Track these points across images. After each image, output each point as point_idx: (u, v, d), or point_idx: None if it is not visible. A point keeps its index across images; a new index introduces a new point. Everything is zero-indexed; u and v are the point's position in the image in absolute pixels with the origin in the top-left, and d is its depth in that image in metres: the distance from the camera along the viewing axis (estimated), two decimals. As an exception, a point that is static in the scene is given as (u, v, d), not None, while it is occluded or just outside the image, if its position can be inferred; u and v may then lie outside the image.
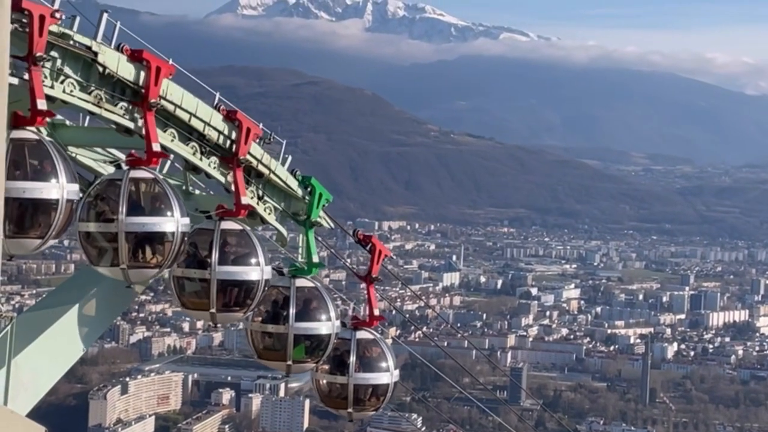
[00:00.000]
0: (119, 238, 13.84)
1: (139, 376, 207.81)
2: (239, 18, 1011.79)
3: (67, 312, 15.99)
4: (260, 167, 17.06)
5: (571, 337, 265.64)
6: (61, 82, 14.10)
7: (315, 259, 17.00)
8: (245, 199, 15.05)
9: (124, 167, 14.55)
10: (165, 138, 15.48)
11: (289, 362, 16.66)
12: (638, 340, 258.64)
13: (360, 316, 18.01)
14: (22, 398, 15.16)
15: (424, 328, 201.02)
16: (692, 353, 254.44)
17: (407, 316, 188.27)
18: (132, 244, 13.95)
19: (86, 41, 14.24)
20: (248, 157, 16.48)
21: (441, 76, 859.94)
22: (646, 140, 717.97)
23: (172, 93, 15.26)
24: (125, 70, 14.57)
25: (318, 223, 17.67)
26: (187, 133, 15.75)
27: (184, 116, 15.53)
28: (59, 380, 16.11)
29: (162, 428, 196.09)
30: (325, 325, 16.59)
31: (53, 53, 14.02)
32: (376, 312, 17.93)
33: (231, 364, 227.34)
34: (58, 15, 13.45)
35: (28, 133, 13.35)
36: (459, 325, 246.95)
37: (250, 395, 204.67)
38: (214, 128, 15.94)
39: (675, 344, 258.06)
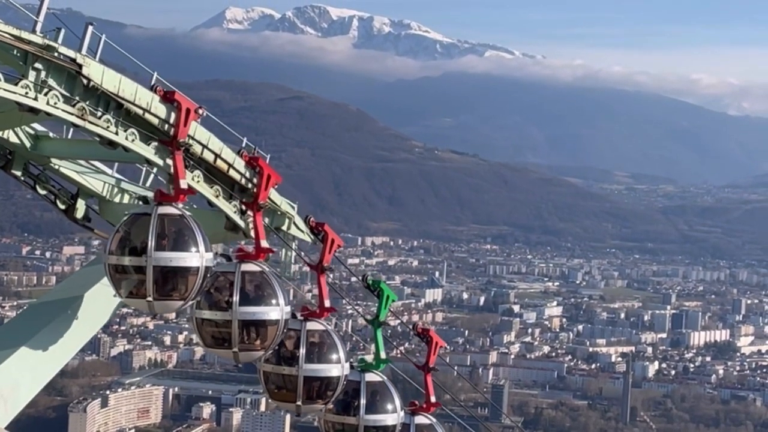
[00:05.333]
0: (233, 325, 15.51)
1: (120, 389, 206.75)
2: (225, 32, 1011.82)
3: (47, 324, 15.98)
4: (244, 182, 17.17)
5: (553, 354, 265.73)
6: (45, 94, 14.09)
7: (383, 355, 18.57)
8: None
9: (235, 260, 16.01)
10: (149, 152, 15.55)
11: None
12: (619, 359, 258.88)
13: (417, 402, 19.40)
14: (2, 410, 15.13)
15: (406, 345, 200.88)
16: (673, 372, 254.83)
17: (389, 331, 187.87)
18: (241, 330, 15.65)
19: (71, 53, 14.23)
20: (234, 174, 16.74)
21: (426, 93, 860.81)
22: (629, 159, 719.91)
23: (156, 106, 15.32)
24: (109, 82, 14.59)
25: (386, 324, 19.24)
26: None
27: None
28: (38, 392, 16.06)
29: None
30: (391, 417, 18.03)
31: (38, 65, 14.00)
32: (433, 399, 19.44)
33: (212, 378, 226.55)
34: (200, 111, 15.53)
35: (172, 209, 15.09)
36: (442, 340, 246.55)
37: (230, 409, 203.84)
38: (198, 141, 16.06)
39: (656, 363, 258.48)
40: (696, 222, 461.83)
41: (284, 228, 18.50)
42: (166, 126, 15.45)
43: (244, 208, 17.45)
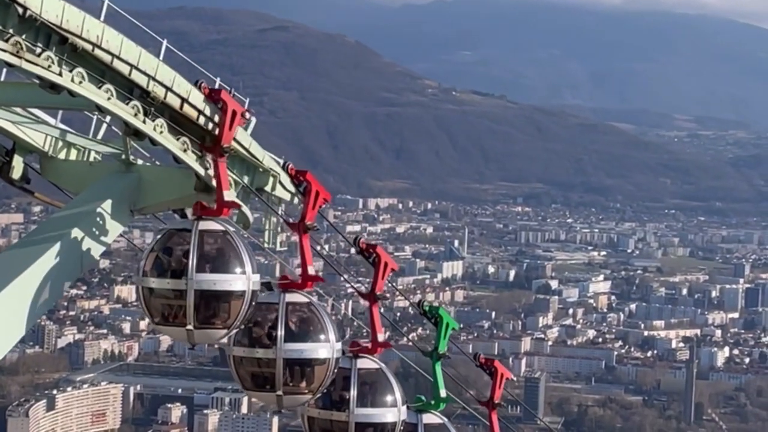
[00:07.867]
0: (277, 364, 16.29)
1: (69, 389, 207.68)
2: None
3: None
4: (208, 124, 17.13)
5: (600, 340, 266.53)
6: (-31, 27, 14.02)
7: (442, 393, 19.06)
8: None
9: (278, 289, 16.76)
10: (101, 96, 15.46)
11: None
12: (681, 344, 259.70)
13: None
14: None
15: (419, 330, 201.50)
16: (747, 360, 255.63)
17: (398, 315, 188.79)
18: (285, 369, 16.39)
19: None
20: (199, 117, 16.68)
21: (440, 20, 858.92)
22: (692, 100, 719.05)
23: (108, 40, 15.20)
24: (50, 11, 14.44)
25: (446, 356, 19.62)
26: (127, 90, 15.76)
27: (124, 69, 15.52)
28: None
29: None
30: None
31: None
32: None
33: (182, 374, 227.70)
34: (247, 116, 16.50)
35: (214, 224, 15.95)
36: (462, 325, 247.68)
37: (205, 411, 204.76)
38: (160, 83, 15.95)
39: (726, 349, 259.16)
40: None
41: (267, 189, 18.52)
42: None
43: (287, 226, 17.94)
